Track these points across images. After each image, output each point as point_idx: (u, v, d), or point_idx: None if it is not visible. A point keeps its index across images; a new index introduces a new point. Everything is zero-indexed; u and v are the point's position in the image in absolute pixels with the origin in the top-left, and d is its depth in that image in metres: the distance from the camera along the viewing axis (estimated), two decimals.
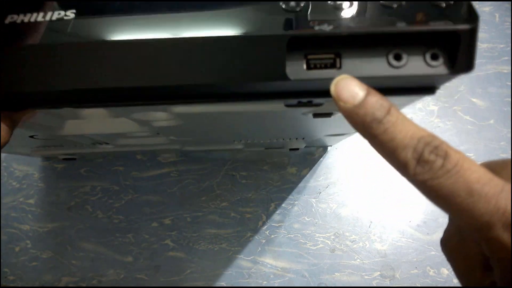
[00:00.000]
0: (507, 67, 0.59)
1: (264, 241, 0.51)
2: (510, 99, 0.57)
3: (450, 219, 0.22)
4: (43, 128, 0.29)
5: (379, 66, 0.20)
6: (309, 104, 0.23)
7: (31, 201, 0.53)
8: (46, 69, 0.19)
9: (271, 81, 0.20)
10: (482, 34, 0.60)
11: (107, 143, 0.40)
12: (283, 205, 0.53)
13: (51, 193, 0.54)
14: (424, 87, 0.22)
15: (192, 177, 0.54)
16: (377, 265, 0.50)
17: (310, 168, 0.54)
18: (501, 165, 0.19)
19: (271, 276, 0.50)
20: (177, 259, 0.51)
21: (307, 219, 0.52)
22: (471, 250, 0.20)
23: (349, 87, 0.18)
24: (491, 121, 0.56)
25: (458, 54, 0.19)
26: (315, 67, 0.20)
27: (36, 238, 0.52)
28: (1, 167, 0.54)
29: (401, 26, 0.19)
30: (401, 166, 0.18)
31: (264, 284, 0.50)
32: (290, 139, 0.45)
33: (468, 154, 0.55)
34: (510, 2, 0.62)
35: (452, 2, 0.20)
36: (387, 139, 0.18)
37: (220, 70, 0.19)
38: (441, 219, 0.52)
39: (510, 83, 0.58)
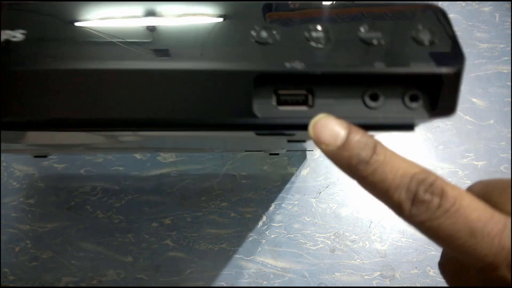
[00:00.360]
0: (507, 67, 0.59)
1: (264, 241, 0.51)
2: (510, 99, 0.57)
3: None
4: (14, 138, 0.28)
5: (354, 106, 0.18)
6: (281, 134, 0.22)
7: (31, 201, 0.53)
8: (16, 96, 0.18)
9: (237, 118, 0.18)
10: (482, 34, 0.60)
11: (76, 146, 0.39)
12: (283, 205, 0.53)
13: (51, 193, 0.54)
14: (402, 125, 0.20)
15: (192, 177, 0.54)
16: (377, 265, 0.50)
17: (310, 168, 0.54)
18: (499, 188, 0.17)
19: (271, 276, 0.50)
20: (177, 259, 0.51)
21: (307, 219, 0.52)
22: (472, 277, 0.19)
23: (328, 127, 0.17)
24: (491, 121, 0.56)
25: (440, 98, 0.18)
26: (286, 103, 0.19)
27: (36, 238, 0.52)
28: (1, 167, 0.54)
29: (380, 66, 0.18)
30: (395, 207, 0.16)
31: (264, 284, 0.50)
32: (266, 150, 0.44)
33: (468, 154, 0.55)
34: (510, 2, 0.62)
35: (436, 40, 0.18)
36: (377, 180, 0.16)
37: (181, 104, 0.18)
38: None
39: (510, 83, 0.58)
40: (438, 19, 0.19)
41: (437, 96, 0.18)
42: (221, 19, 0.19)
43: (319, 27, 0.19)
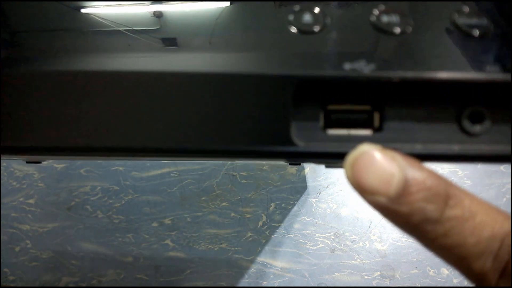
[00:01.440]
0: None
1: (264, 241, 0.51)
2: None
3: None
4: None
5: (445, 132, 0.12)
6: (326, 163, 0.16)
7: (31, 201, 0.53)
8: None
9: (269, 147, 0.12)
10: None
11: None
12: (283, 205, 0.53)
13: (51, 193, 0.53)
14: (505, 157, 0.13)
15: (192, 177, 0.54)
16: (377, 265, 0.50)
17: (310, 168, 0.54)
18: None
19: (271, 276, 0.50)
20: (177, 259, 0.51)
21: (307, 219, 0.52)
22: None
23: (376, 168, 0.11)
24: None
25: None
26: (339, 125, 0.12)
27: (36, 238, 0.52)
28: (1, 167, 0.54)
29: (493, 70, 0.11)
30: (474, 277, 0.12)
31: (264, 284, 0.50)
32: None
33: None
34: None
35: None
36: (450, 244, 0.11)
37: (189, 129, 0.12)
38: None
39: None
40: None
41: None
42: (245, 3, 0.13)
43: (391, 7, 0.12)
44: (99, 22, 0.14)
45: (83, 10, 0.14)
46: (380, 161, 0.11)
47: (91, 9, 0.14)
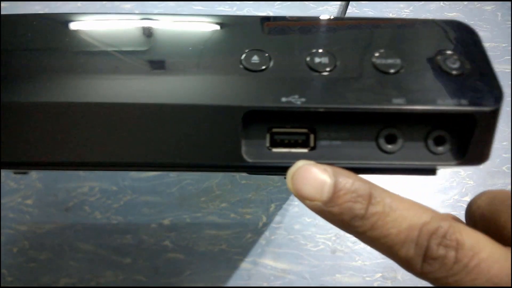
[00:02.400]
0: (509, 66, 0.58)
1: (264, 242, 0.51)
2: (510, 99, 0.56)
3: None
4: None
5: (366, 150, 0.15)
6: (274, 173, 0.19)
7: (29, 201, 0.53)
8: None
9: (223, 163, 0.15)
10: (484, 33, 0.60)
11: None
12: (283, 205, 0.52)
13: (49, 194, 0.53)
14: (422, 170, 0.17)
15: (191, 177, 0.53)
16: (378, 266, 0.50)
17: None
18: (507, 206, 0.15)
19: (271, 277, 0.50)
20: (176, 261, 0.51)
21: (308, 220, 0.52)
22: None
23: (311, 178, 0.14)
24: None
25: (471, 142, 0.15)
26: (282, 144, 0.15)
27: (34, 239, 0.52)
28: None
29: (399, 102, 0.14)
30: (402, 264, 0.14)
31: (264, 285, 0.50)
32: None
33: None
34: (510, 2, 0.62)
35: (467, 70, 0.15)
36: (377, 236, 0.14)
37: (159, 144, 0.15)
38: None
39: (511, 83, 0.57)
40: (468, 42, 0.15)
41: (468, 140, 0.15)
42: (207, 39, 0.16)
43: (322, 50, 0.15)
44: (88, 42, 0.16)
45: (72, 27, 0.17)
46: (313, 172, 0.14)
47: (81, 24, 0.17)
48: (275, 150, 0.15)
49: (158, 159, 0.15)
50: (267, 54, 0.15)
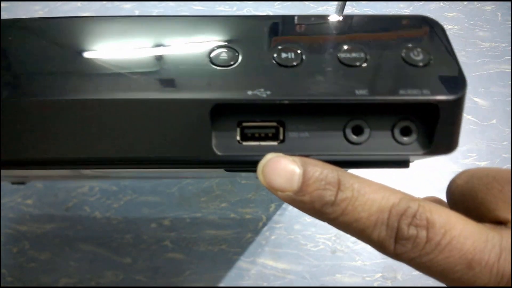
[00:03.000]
0: (509, 66, 0.58)
1: (264, 242, 0.51)
2: (510, 99, 0.56)
3: None
4: None
5: (334, 141, 0.15)
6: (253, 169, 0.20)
7: (29, 201, 0.53)
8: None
9: (194, 156, 0.15)
10: (485, 33, 0.60)
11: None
12: (283, 205, 0.52)
13: (49, 194, 0.53)
14: (393, 162, 0.17)
15: (191, 177, 0.53)
16: (378, 266, 0.50)
17: None
18: (485, 184, 0.15)
19: (271, 277, 0.50)
20: (176, 261, 0.50)
21: (308, 220, 0.52)
22: None
23: (280, 170, 0.14)
24: (494, 121, 0.56)
25: (436, 132, 0.15)
26: (253, 138, 0.16)
27: (34, 239, 0.52)
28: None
29: (362, 93, 0.15)
30: (376, 246, 0.15)
31: (264, 285, 0.50)
32: None
33: (470, 154, 0.54)
34: (510, 2, 0.62)
35: (432, 61, 0.15)
36: (349, 221, 0.14)
37: (131, 139, 0.15)
38: None
39: (510, 83, 0.57)
40: (434, 35, 0.16)
41: (433, 129, 0.15)
42: (177, 38, 0.16)
43: (289, 46, 0.16)
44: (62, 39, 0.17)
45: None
46: (283, 164, 0.14)
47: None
48: (245, 143, 0.16)
49: (128, 154, 0.15)
50: (236, 51, 0.16)
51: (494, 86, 0.57)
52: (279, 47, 0.16)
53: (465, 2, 0.62)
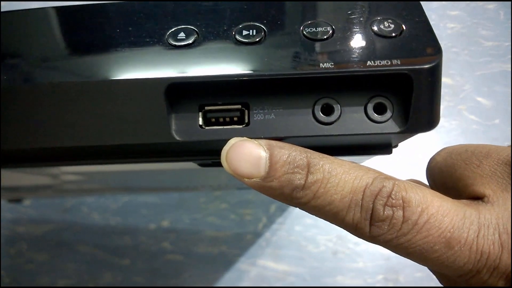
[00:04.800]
0: (509, 65, 0.58)
1: (264, 243, 0.51)
2: (510, 99, 0.56)
3: None
4: None
5: (303, 122, 0.14)
6: None
7: (27, 202, 0.53)
8: None
9: (151, 142, 0.15)
10: (487, 31, 0.59)
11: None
12: (284, 207, 0.52)
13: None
14: (373, 146, 0.16)
15: None
16: (380, 268, 0.50)
17: None
18: (463, 159, 0.14)
19: (272, 279, 0.49)
20: (175, 262, 0.50)
21: (309, 221, 0.51)
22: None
23: (246, 155, 0.13)
24: (497, 121, 0.55)
25: (412, 106, 0.14)
26: (217, 123, 0.15)
27: (32, 240, 0.51)
28: None
29: (327, 67, 0.14)
30: (351, 230, 0.14)
31: (265, 287, 0.49)
32: None
33: None
34: (510, 2, 0.61)
35: (403, 31, 0.14)
36: (321, 204, 0.13)
37: (81, 127, 0.14)
38: None
39: (510, 82, 0.57)
40: (407, 7, 0.15)
41: (409, 103, 0.14)
42: (136, 20, 0.16)
43: (252, 23, 0.15)
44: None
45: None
46: (247, 148, 0.13)
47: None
48: (208, 128, 0.15)
49: (84, 142, 0.14)
50: (194, 30, 0.15)
51: (497, 86, 0.57)
52: (241, 25, 0.15)
53: (468, 1, 0.61)
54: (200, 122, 0.15)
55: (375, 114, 0.14)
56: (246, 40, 0.15)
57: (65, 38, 0.16)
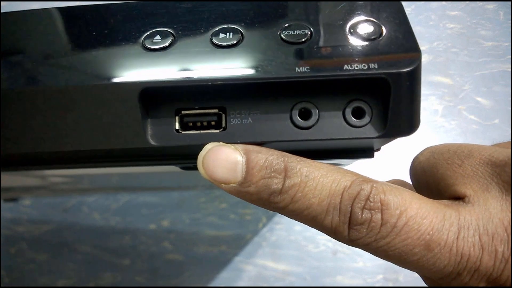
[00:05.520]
0: (509, 65, 0.58)
1: (264, 243, 0.51)
2: (510, 99, 0.56)
3: None
4: None
5: (279, 127, 0.14)
6: None
7: (27, 202, 0.53)
8: None
9: (127, 147, 0.14)
10: (487, 32, 0.59)
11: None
12: None
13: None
14: (354, 150, 0.16)
15: None
16: (380, 267, 0.50)
17: None
18: (445, 159, 0.14)
19: (272, 279, 0.49)
20: (175, 262, 0.50)
21: None
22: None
23: (222, 160, 0.13)
24: (496, 121, 0.55)
25: (390, 110, 0.14)
26: (194, 127, 0.15)
27: (32, 240, 0.51)
28: None
29: (303, 71, 0.13)
30: (330, 233, 0.14)
31: (265, 286, 0.49)
32: None
33: None
34: (510, 2, 0.61)
35: (382, 34, 0.14)
36: (299, 208, 0.13)
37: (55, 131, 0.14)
38: None
39: (510, 82, 0.57)
40: (387, 9, 0.15)
41: (387, 107, 0.14)
42: (111, 24, 0.16)
43: (228, 25, 0.15)
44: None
45: None
46: (224, 153, 0.13)
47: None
48: (184, 133, 0.15)
49: (58, 148, 0.14)
50: (170, 33, 0.15)
51: (496, 86, 0.57)
52: (217, 28, 0.15)
53: (467, 1, 0.61)
54: (177, 127, 0.15)
55: (353, 119, 0.14)
56: (223, 43, 0.15)
57: (37, 42, 0.16)
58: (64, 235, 0.51)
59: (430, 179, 0.15)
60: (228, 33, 0.15)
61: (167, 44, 0.15)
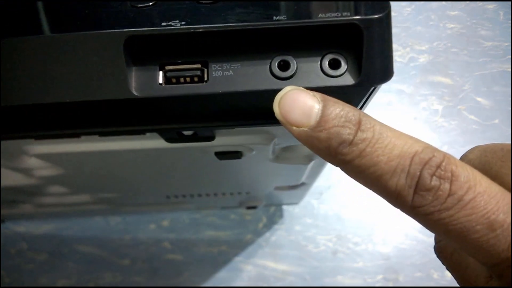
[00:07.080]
0: (509, 65, 0.58)
1: (264, 243, 0.51)
2: (510, 99, 0.56)
3: None
4: None
5: (260, 78, 0.15)
6: (196, 138, 0.19)
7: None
8: None
9: (110, 98, 0.15)
10: (487, 32, 0.59)
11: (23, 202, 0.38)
12: (284, 206, 0.52)
13: None
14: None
15: None
16: (380, 268, 0.50)
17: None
18: (499, 157, 0.14)
19: (272, 279, 0.49)
20: (175, 262, 0.50)
21: (309, 221, 0.51)
22: (472, 261, 0.16)
23: (299, 103, 0.13)
24: (496, 121, 0.55)
25: (364, 57, 0.14)
26: (178, 82, 0.15)
27: (32, 240, 0.51)
28: None
29: (280, 19, 0.14)
30: (392, 197, 0.13)
31: (265, 286, 0.49)
32: (232, 194, 0.41)
33: None
34: (510, 2, 0.61)
35: None
36: (365, 164, 0.13)
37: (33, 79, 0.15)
38: None
39: (510, 82, 0.57)
40: None
41: (360, 56, 0.14)
42: None
43: None
44: None
45: None
46: (302, 97, 0.13)
47: None
48: (168, 86, 0.15)
49: (42, 100, 0.15)
50: None
51: (496, 86, 0.57)
52: None
53: (467, 1, 0.61)
54: (160, 81, 0.15)
55: (330, 69, 0.15)
56: (205, 0, 0.15)
57: None
58: (64, 235, 0.51)
59: None
60: None
61: (151, 3, 0.15)
